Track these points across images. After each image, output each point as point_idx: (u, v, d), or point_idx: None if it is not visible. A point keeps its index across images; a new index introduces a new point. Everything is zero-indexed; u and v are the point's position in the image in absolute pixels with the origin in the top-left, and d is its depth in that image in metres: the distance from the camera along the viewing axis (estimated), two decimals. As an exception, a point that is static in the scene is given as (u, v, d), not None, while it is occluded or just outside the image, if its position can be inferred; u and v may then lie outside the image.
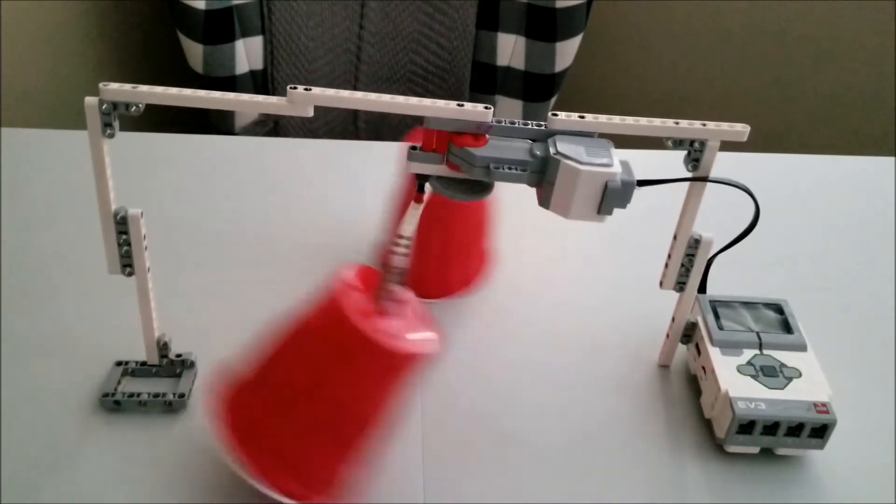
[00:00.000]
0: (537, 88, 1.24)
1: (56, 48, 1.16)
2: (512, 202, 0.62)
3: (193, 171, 0.75)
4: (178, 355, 0.54)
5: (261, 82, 1.21)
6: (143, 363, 0.54)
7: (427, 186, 0.48)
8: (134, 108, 0.44)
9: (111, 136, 0.44)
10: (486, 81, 1.25)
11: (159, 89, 0.44)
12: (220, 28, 1.14)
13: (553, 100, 1.26)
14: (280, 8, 1.17)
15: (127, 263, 0.49)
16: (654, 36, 1.49)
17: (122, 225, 0.47)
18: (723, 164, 0.47)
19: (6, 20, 1.03)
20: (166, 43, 1.27)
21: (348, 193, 0.73)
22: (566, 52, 1.20)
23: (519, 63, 1.22)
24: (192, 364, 0.54)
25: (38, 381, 0.54)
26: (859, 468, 0.52)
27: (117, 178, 0.47)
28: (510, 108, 1.26)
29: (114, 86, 0.43)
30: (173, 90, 0.44)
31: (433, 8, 1.20)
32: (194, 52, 1.15)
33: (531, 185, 0.45)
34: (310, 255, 0.65)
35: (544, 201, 0.45)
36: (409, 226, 0.46)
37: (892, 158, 0.83)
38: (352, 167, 0.77)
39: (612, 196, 0.43)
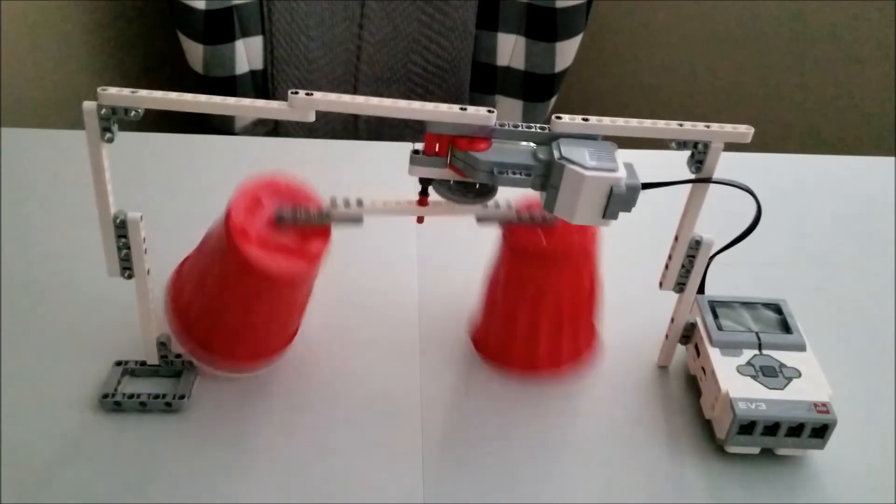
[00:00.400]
0: (537, 88, 1.24)
1: (56, 48, 1.16)
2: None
3: (193, 171, 0.74)
4: (178, 355, 0.54)
5: (261, 82, 1.21)
6: (143, 363, 0.54)
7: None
8: (133, 112, 0.43)
9: (110, 140, 0.44)
10: (486, 81, 1.25)
11: (158, 94, 0.43)
12: (220, 28, 1.14)
13: (553, 100, 1.26)
14: (280, 8, 1.17)
15: (126, 266, 0.49)
16: (655, 36, 1.49)
17: (121, 229, 0.47)
18: (723, 163, 0.47)
19: (6, 20, 1.03)
20: (166, 43, 1.27)
21: (348, 194, 0.73)
22: (566, 52, 1.20)
23: (519, 63, 1.22)
24: (192, 364, 0.54)
25: (38, 381, 0.54)
26: (859, 468, 0.52)
27: (117, 179, 0.47)
28: (510, 108, 1.26)
29: (112, 90, 0.43)
30: (173, 95, 0.43)
31: (433, 8, 1.20)
32: (194, 52, 1.15)
33: (535, 188, 0.45)
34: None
35: (549, 205, 0.45)
36: (385, 207, 0.50)
37: (892, 158, 0.83)
38: (352, 167, 0.77)
39: (618, 201, 0.43)
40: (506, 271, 0.54)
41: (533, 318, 0.53)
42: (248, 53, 1.18)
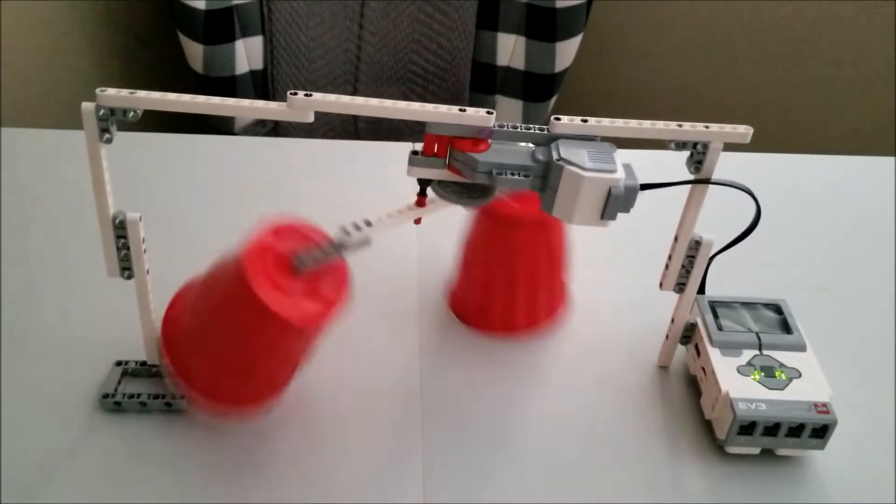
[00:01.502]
0: (537, 88, 1.24)
1: (56, 48, 1.16)
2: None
3: (193, 171, 0.74)
4: (178, 356, 0.54)
5: (261, 82, 1.21)
6: (143, 363, 0.54)
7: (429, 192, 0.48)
8: (132, 113, 0.43)
9: (109, 141, 0.44)
10: (486, 81, 1.25)
11: (157, 95, 0.43)
12: (220, 28, 1.14)
13: (553, 100, 1.26)
14: (280, 8, 1.17)
15: (126, 267, 0.48)
16: (654, 36, 1.49)
17: (120, 229, 0.47)
18: (722, 163, 0.47)
19: (6, 20, 1.03)
20: (166, 43, 1.27)
21: (348, 193, 0.73)
22: (566, 52, 1.20)
23: (519, 63, 1.22)
24: (192, 364, 0.54)
25: (38, 381, 0.54)
26: (859, 468, 0.52)
27: (117, 179, 0.47)
28: (510, 108, 1.26)
29: (111, 91, 0.42)
30: (171, 96, 0.43)
31: (433, 8, 1.20)
32: (194, 52, 1.15)
33: (534, 189, 0.45)
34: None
35: (547, 206, 0.45)
36: (391, 219, 0.47)
37: (892, 158, 0.83)
38: (352, 167, 0.77)
39: (616, 202, 0.43)
40: (482, 236, 0.57)
41: (510, 280, 0.57)
42: (248, 53, 1.18)
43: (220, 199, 0.71)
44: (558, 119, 0.45)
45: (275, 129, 1.25)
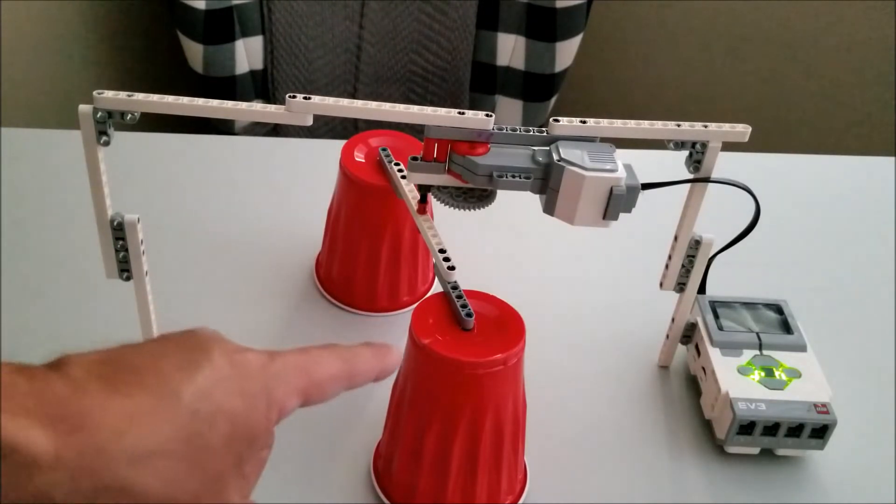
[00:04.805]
0: (537, 88, 1.23)
1: (56, 48, 1.16)
2: (510, 201, 0.62)
3: (193, 171, 0.74)
4: (178, 356, 0.54)
5: (261, 82, 1.21)
6: (143, 363, 0.54)
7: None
8: (129, 116, 0.42)
9: (106, 143, 0.43)
10: (486, 81, 1.25)
11: (155, 97, 0.42)
12: (220, 28, 1.14)
13: (553, 100, 1.26)
14: (280, 8, 1.16)
15: (124, 268, 0.48)
16: (654, 36, 1.49)
17: (118, 231, 0.47)
18: (722, 163, 0.47)
19: (6, 20, 1.03)
20: (166, 43, 1.27)
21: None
22: (566, 52, 1.20)
23: (519, 63, 1.22)
24: (192, 364, 0.54)
25: (38, 382, 0.54)
26: (859, 468, 0.52)
27: (116, 179, 0.47)
28: (510, 108, 1.26)
29: (108, 94, 0.41)
30: (169, 98, 0.42)
31: (433, 8, 1.20)
32: (194, 52, 1.15)
33: (535, 191, 0.45)
34: (309, 254, 0.65)
35: (549, 208, 0.45)
36: (436, 238, 0.47)
37: (892, 158, 0.83)
38: (352, 167, 0.77)
39: (618, 201, 0.43)
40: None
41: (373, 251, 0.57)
42: (248, 53, 1.18)
43: (220, 199, 0.71)
44: (557, 121, 0.45)
45: (275, 128, 1.25)
